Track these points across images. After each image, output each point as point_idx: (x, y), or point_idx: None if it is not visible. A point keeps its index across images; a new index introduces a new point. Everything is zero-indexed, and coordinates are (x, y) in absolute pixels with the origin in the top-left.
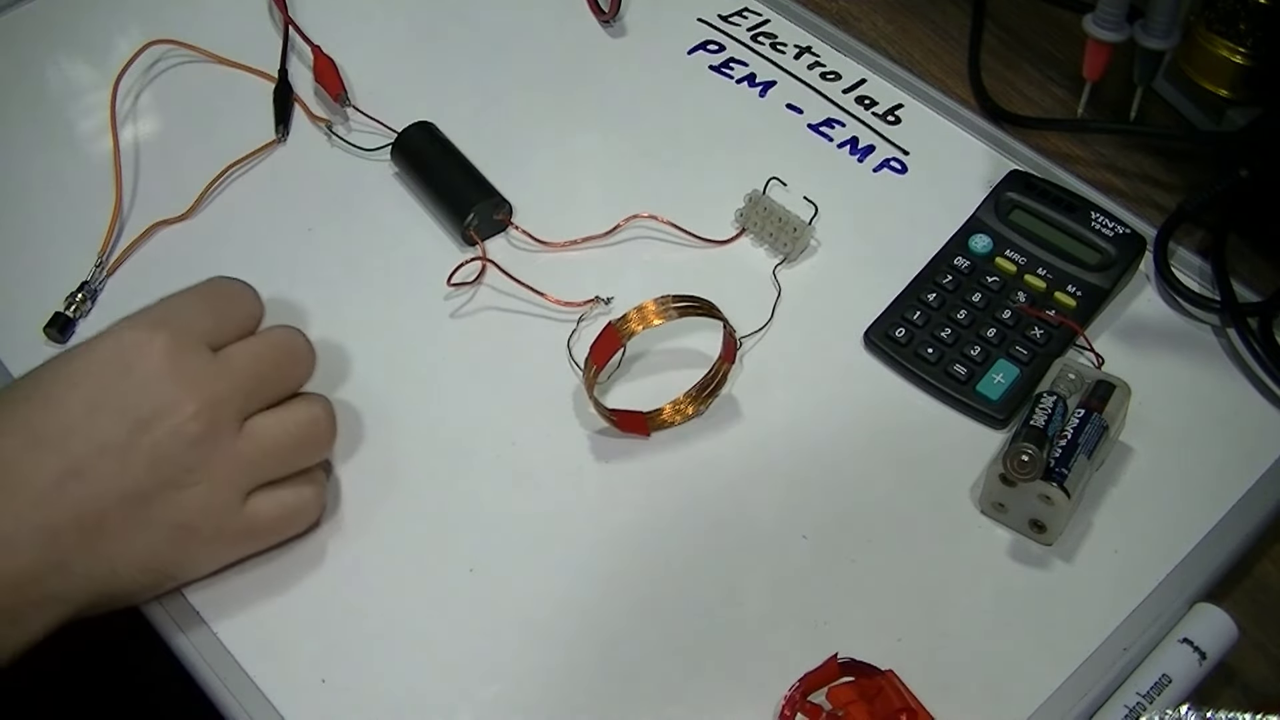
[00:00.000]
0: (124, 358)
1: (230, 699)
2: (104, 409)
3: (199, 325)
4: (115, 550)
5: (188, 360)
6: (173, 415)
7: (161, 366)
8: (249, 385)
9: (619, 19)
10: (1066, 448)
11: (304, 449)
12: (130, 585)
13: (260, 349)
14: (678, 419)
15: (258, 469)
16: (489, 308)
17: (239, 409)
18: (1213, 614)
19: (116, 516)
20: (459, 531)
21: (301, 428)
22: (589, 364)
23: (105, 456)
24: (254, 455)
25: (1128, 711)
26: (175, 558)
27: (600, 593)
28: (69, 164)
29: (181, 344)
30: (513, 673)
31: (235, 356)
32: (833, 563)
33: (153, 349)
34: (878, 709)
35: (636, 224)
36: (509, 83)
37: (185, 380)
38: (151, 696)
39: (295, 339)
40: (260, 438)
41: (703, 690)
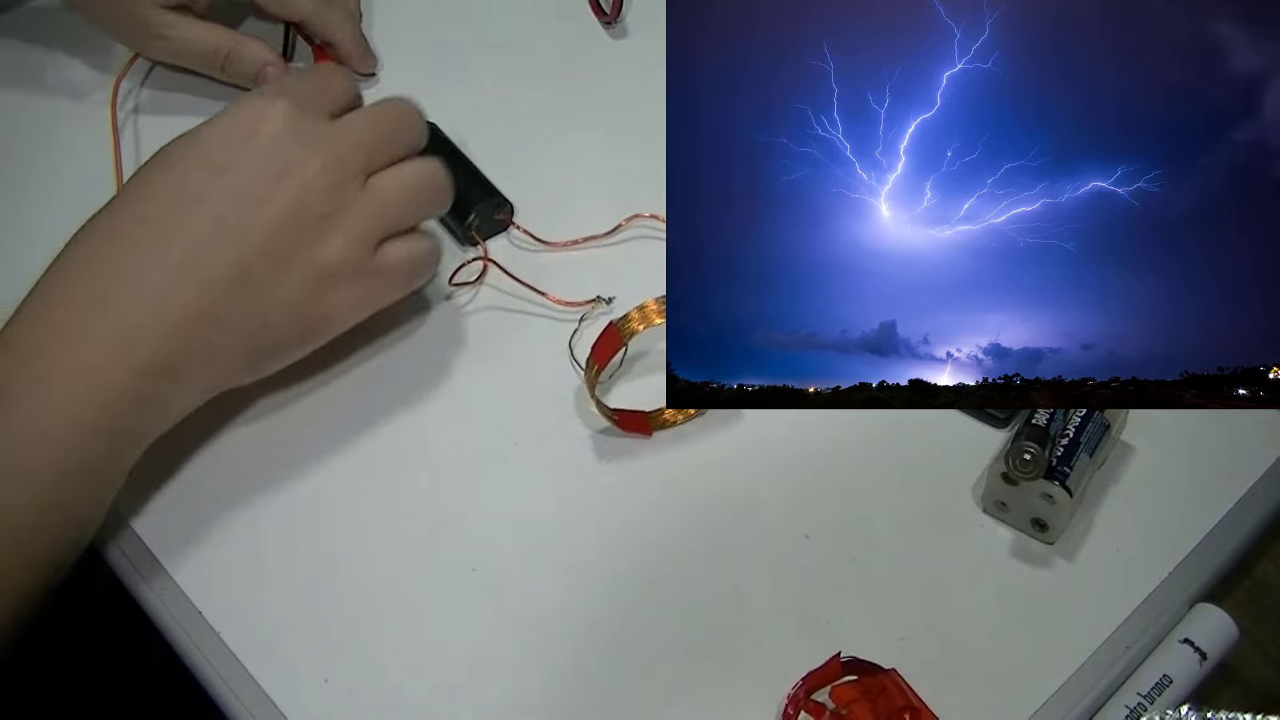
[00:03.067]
0: (247, 125)
1: (233, 699)
2: (238, 167)
3: (313, 95)
4: (264, 299)
5: (307, 123)
6: (302, 170)
7: (284, 129)
8: (368, 144)
9: (620, 20)
10: (1068, 446)
11: (423, 200)
12: (282, 336)
13: (374, 114)
14: (680, 418)
15: (384, 218)
16: (490, 308)
17: (362, 166)
18: (1213, 614)
19: (262, 265)
20: (460, 531)
21: (420, 180)
22: (590, 364)
23: (246, 207)
24: (379, 206)
25: (1128, 711)
26: (319, 306)
27: (602, 592)
28: (69, 166)
29: (301, 109)
30: (515, 672)
31: (352, 121)
32: (835, 562)
33: (274, 114)
34: (881, 707)
35: (638, 223)
36: (510, 83)
37: (309, 140)
38: (154, 696)
39: (406, 105)
40: (384, 190)
41: (705, 689)
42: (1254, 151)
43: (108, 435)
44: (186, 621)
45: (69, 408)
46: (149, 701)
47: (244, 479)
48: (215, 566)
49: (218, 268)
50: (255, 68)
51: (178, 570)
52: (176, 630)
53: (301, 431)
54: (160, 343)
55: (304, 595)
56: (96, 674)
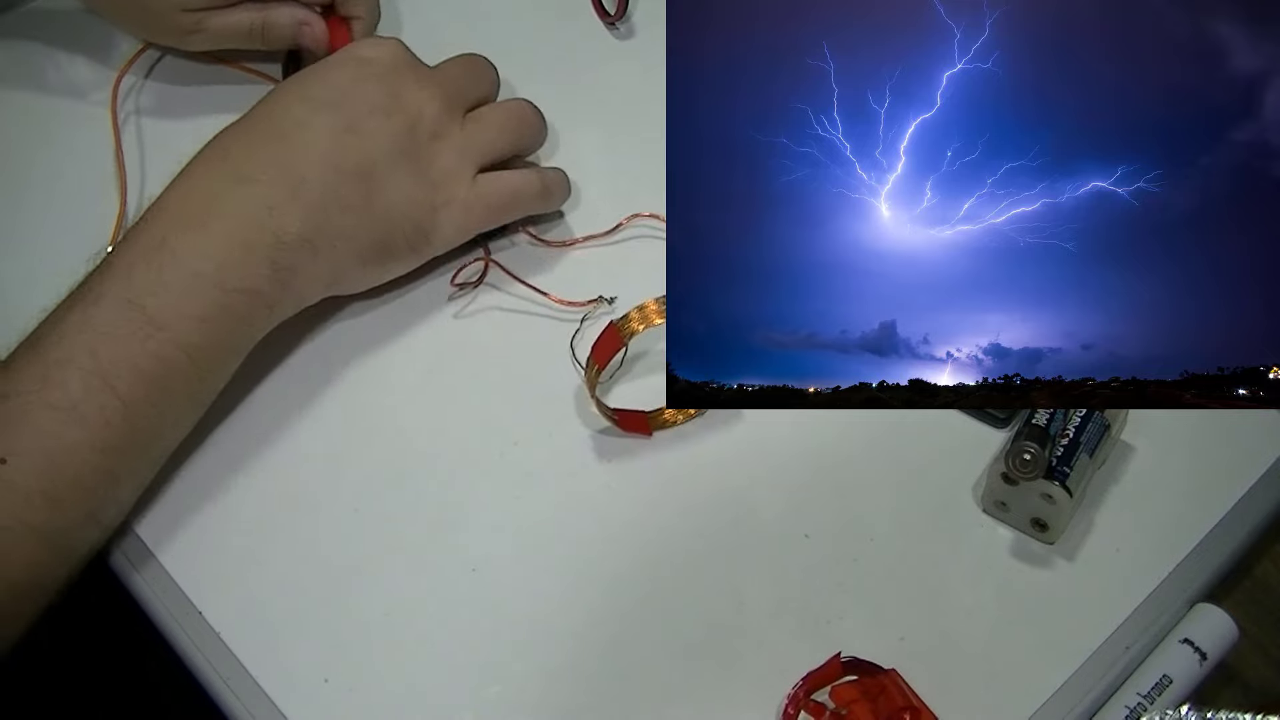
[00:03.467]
0: (369, 52)
1: (232, 699)
2: (365, 80)
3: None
4: (385, 197)
5: (411, 57)
6: (417, 93)
7: (401, 57)
8: (463, 81)
9: (626, 20)
10: (1068, 446)
11: (519, 131)
12: (397, 236)
13: (462, 61)
14: (680, 418)
15: (483, 144)
16: (492, 308)
17: (462, 100)
18: (1213, 614)
19: (384, 166)
20: (461, 531)
21: (514, 113)
22: (590, 363)
23: (374, 115)
24: (480, 133)
25: (1128, 711)
26: (427, 216)
27: (602, 592)
28: (70, 167)
29: (404, 49)
30: (515, 672)
31: (445, 63)
32: (835, 562)
33: (387, 46)
34: (881, 707)
35: (638, 223)
36: (512, 83)
37: (419, 72)
38: (154, 696)
39: (480, 59)
40: (482, 118)
41: (706, 689)
42: (1254, 151)
43: (246, 298)
44: (186, 621)
45: (220, 259)
46: (149, 701)
47: (244, 479)
48: (216, 567)
49: (348, 160)
50: (291, 29)
51: (178, 570)
52: (176, 630)
53: (302, 432)
54: (299, 220)
55: (304, 595)
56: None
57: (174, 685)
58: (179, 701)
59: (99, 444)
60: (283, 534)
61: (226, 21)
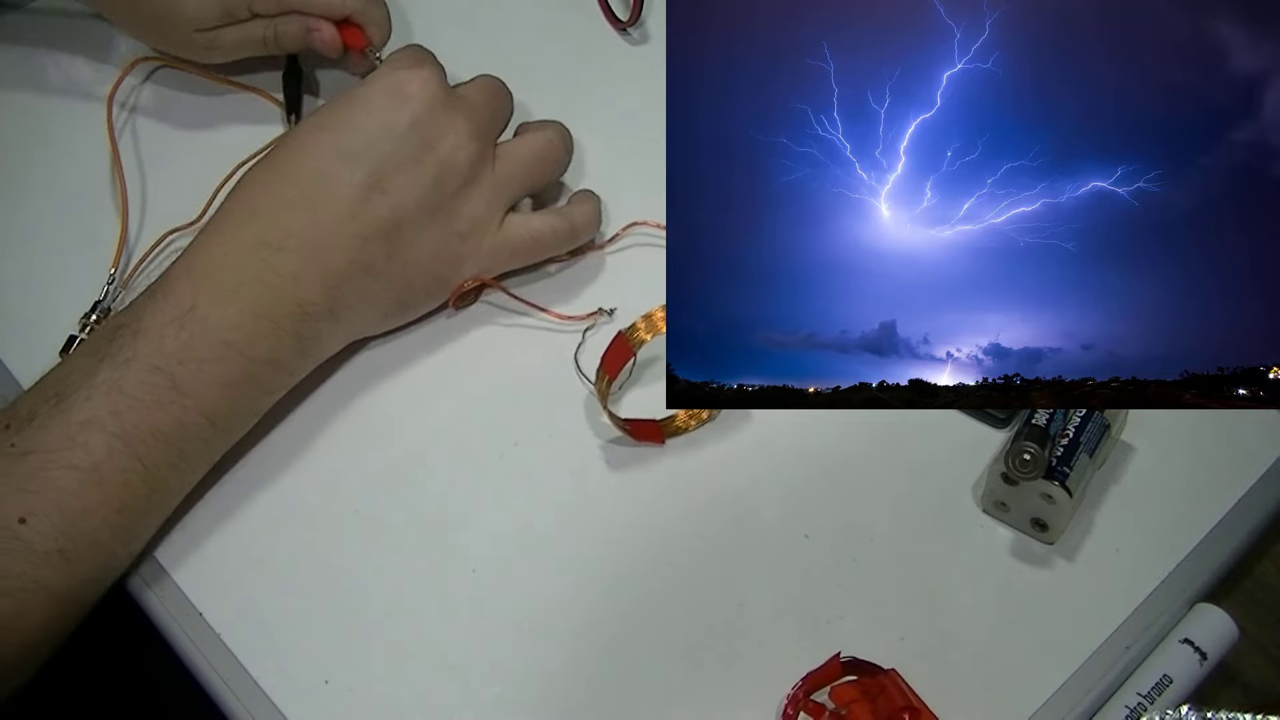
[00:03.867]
0: (402, 90)
1: (233, 699)
2: (395, 130)
3: (434, 64)
4: (410, 256)
5: (445, 91)
6: (452, 135)
7: (435, 94)
8: (488, 113)
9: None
10: (1068, 446)
11: (546, 166)
12: (418, 291)
13: (483, 87)
14: (693, 424)
15: (512, 186)
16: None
17: (493, 134)
18: (1213, 614)
19: (411, 225)
20: (460, 533)
21: (542, 148)
22: (601, 375)
23: (402, 171)
24: (506, 174)
25: (1129, 711)
26: (451, 266)
27: (602, 592)
28: (67, 166)
29: (442, 77)
30: (515, 673)
31: (469, 92)
32: (835, 562)
33: (425, 79)
34: (880, 708)
35: (636, 231)
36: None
37: (454, 104)
38: (155, 697)
39: (494, 80)
40: (510, 156)
41: (705, 689)
42: (1254, 151)
43: (271, 367)
44: (187, 622)
45: (248, 330)
46: (149, 702)
47: (244, 480)
48: (215, 568)
49: (375, 222)
50: (301, 33)
51: (178, 571)
52: (177, 631)
53: (302, 433)
54: (323, 291)
55: (304, 596)
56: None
57: (174, 686)
58: (179, 702)
59: (117, 504)
60: (283, 534)
61: (242, 33)
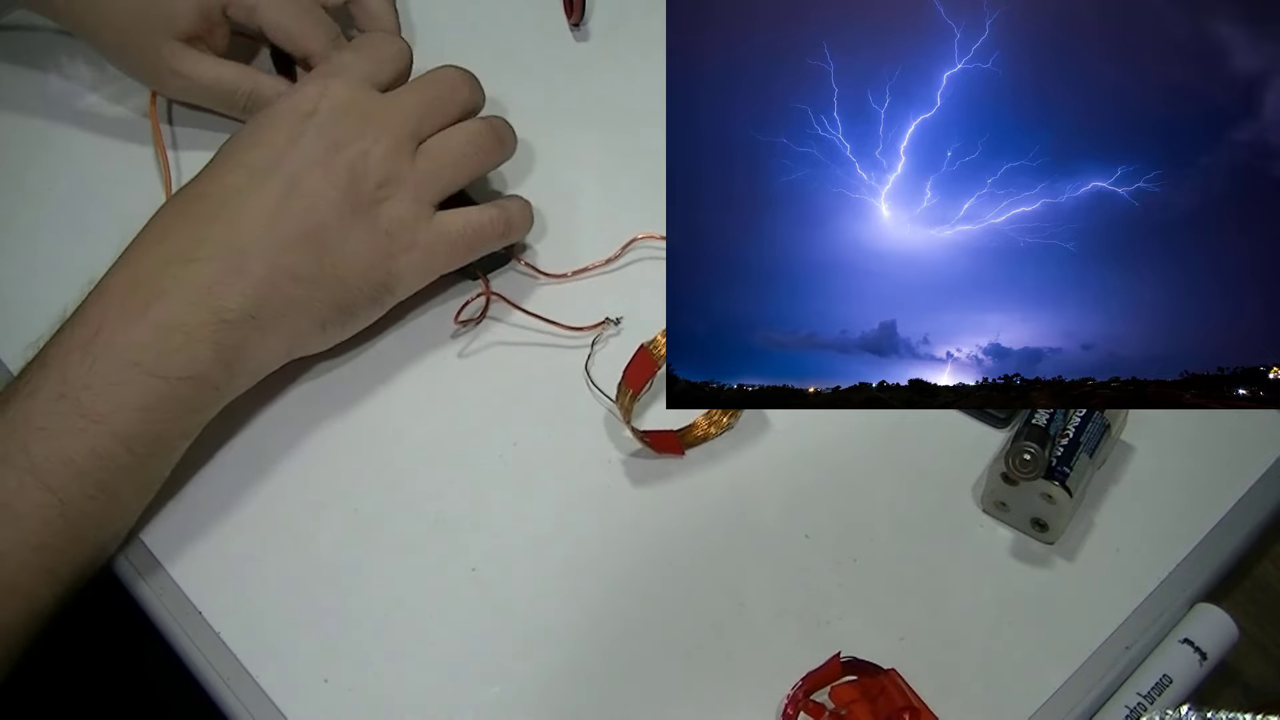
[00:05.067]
0: (307, 102)
1: (232, 699)
2: (300, 138)
3: (364, 70)
4: (337, 259)
5: (362, 98)
6: (359, 140)
7: (341, 103)
8: (418, 112)
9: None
10: (1068, 446)
11: (476, 156)
12: (357, 296)
13: (422, 84)
14: (714, 431)
15: (438, 180)
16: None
17: (411, 133)
18: (1213, 614)
19: (333, 226)
20: (460, 532)
21: (470, 137)
22: (623, 389)
23: (314, 171)
24: (432, 168)
25: (1129, 711)
26: (384, 268)
27: (602, 592)
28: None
29: (353, 86)
30: (515, 672)
31: (400, 92)
32: (835, 562)
33: (333, 91)
34: (880, 708)
35: (639, 245)
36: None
37: (362, 112)
38: (154, 696)
39: (455, 71)
40: (435, 151)
41: (705, 690)
42: (1254, 151)
43: (191, 384)
44: (186, 621)
45: (160, 347)
46: (149, 701)
47: (244, 479)
48: (215, 566)
49: (291, 226)
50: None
51: (177, 570)
52: (176, 630)
53: (303, 434)
54: (241, 297)
55: (304, 595)
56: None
57: (174, 685)
58: (179, 702)
59: (34, 542)
60: (283, 534)
61: (215, 72)
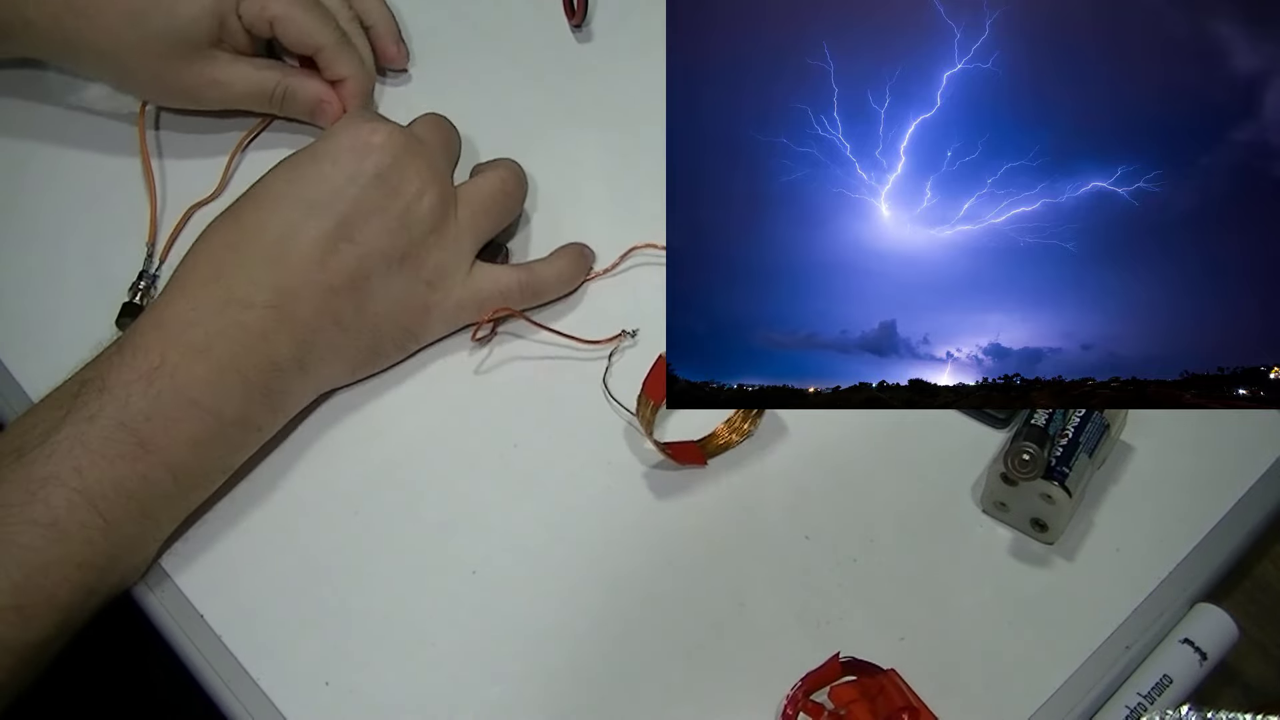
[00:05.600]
0: (363, 141)
1: (234, 701)
2: (359, 179)
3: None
4: (378, 307)
5: (412, 141)
6: (415, 181)
7: (399, 142)
8: (446, 155)
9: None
10: (1068, 446)
11: (506, 202)
12: (387, 343)
13: (433, 123)
14: (735, 438)
15: (476, 231)
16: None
17: (451, 174)
18: (1213, 614)
19: (379, 275)
20: (461, 534)
21: (500, 183)
22: (644, 400)
23: (368, 220)
24: (470, 216)
25: (1129, 711)
26: (420, 316)
27: (602, 593)
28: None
29: (397, 126)
30: (515, 673)
31: (423, 130)
32: (835, 562)
33: (389, 129)
34: (880, 708)
35: (638, 253)
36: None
37: (416, 152)
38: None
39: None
40: (470, 200)
41: (705, 690)
42: (1254, 151)
43: (240, 425)
44: (188, 624)
45: (217, 388)
46: (151, 704)
47: (246, 482)
48: (216, 569)
49: (342, 273)
50: (311, 103)
51: (179, 573)
52: (177, 633)
53: (303, 435)
54: (291, 343)
55: (305, 597)
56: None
57: (175, 687)
58: (180, 704)
59: (78, 559)
60: (283, 536)
61: (249, 74)
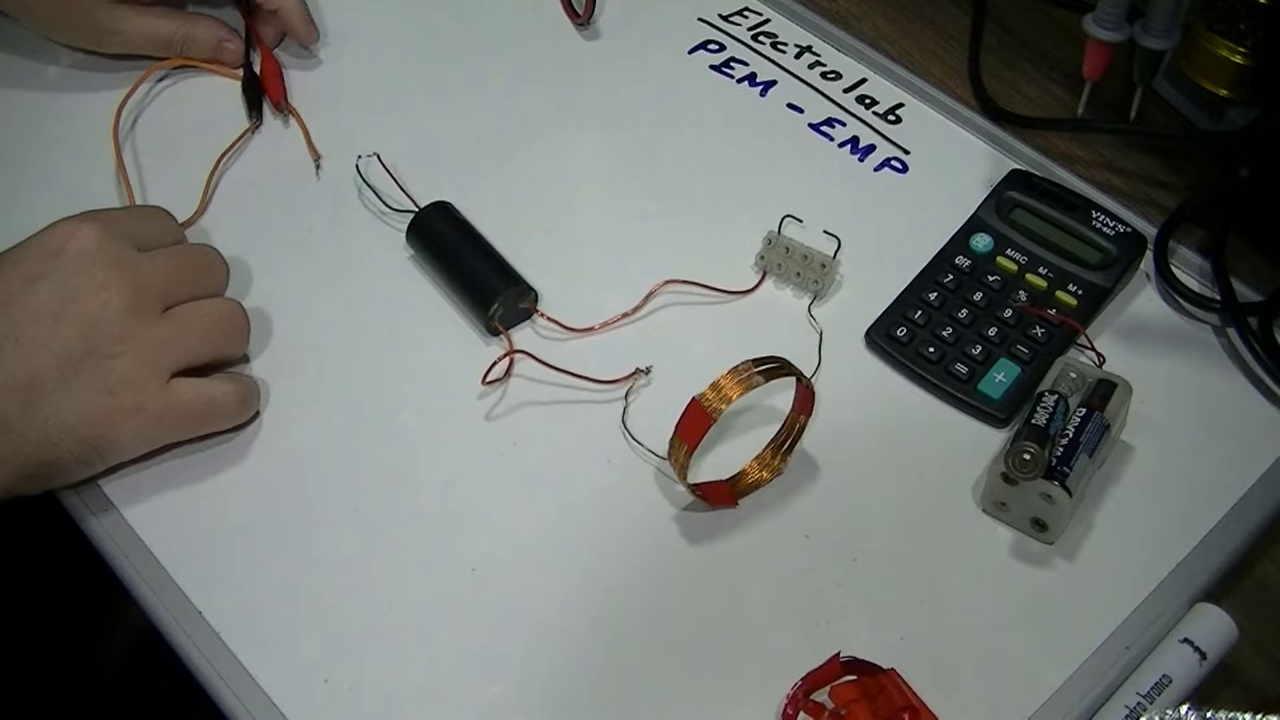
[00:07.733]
0: (57, 241)
1: (232, 698)
2: (39, 281)
3: (127, 225)
4: (49, 412)
5: (114, 247)
6: (101, 290)
7: (91, 248)
8: (170, 277)
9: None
10: (1068, 446)
11: (219, 337)
12: (65, 455)
13: (180, 252)
14: (767, 475)
15: (177, 348)
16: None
17: (160, 295)
18: (1213, 614)
19: (50, 377)
20: (461, 532)
21: (217, 317)
22: (678, 444)
23: (39, 322)
24: (173, 335)
25: (1128, 711)
26: (103, 429)
27: (602, 592)
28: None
29: (110, 233)
30: (515, 672)
31: (157, 255)
32: (835, 562)
33: (85, 234)
34: (880, 707)
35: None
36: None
37: (112, 262)
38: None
39: (210, 251)
40: (179, 320)
41: (705, 689)
42: None
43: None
44: (186, 621)
45: None
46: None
47: (244, 479)
48: (215, 567)
49: (6, 375)
50: (211, 45)
51: (178, 571)
52: (176, 630)
53: (302, 432)
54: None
55: (304, 595)
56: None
57: (174, 685)
58: (178, 701)
59: None
60: (283, 534)
61: (148, 24)
